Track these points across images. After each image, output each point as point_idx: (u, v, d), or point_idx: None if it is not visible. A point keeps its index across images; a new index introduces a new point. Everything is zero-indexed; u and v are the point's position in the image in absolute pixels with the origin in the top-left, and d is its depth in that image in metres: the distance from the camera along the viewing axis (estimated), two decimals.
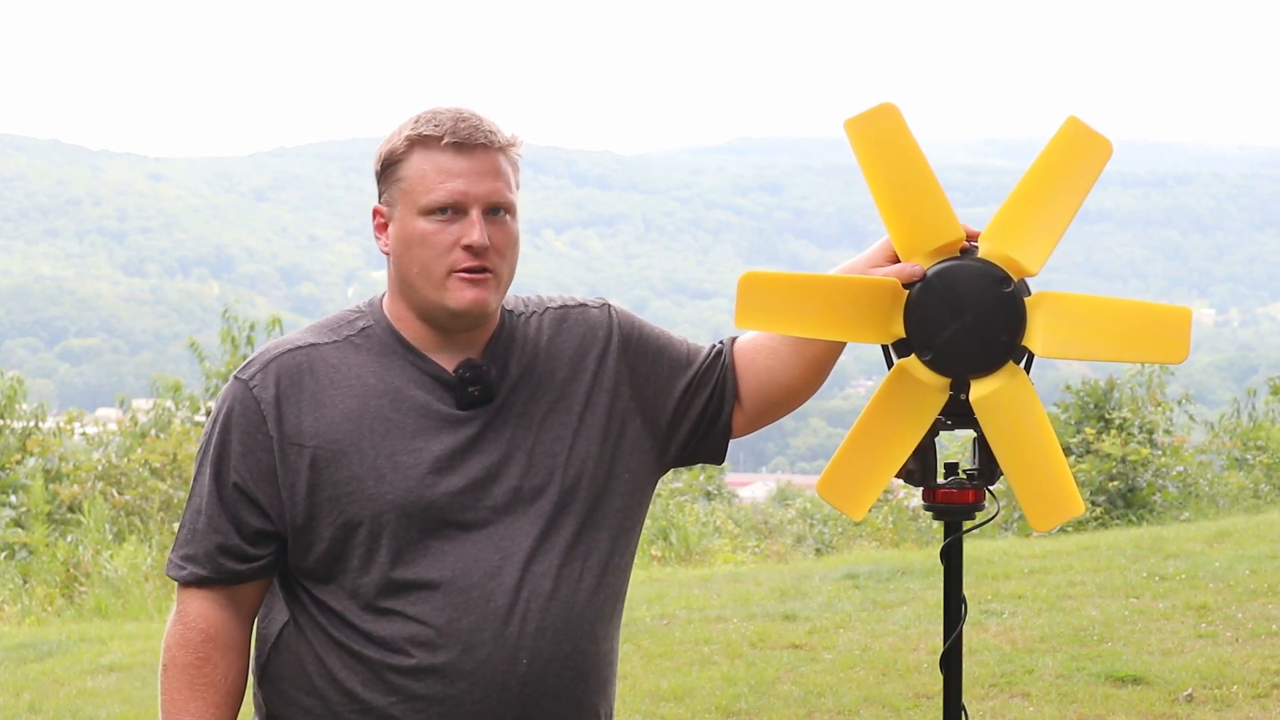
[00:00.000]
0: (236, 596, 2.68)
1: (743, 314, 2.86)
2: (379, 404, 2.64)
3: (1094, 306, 2.85)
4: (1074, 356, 2.87)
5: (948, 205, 2.84)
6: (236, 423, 2.64)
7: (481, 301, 2.62)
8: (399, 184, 2.65)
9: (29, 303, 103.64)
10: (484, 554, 2.62)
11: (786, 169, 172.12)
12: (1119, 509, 13.83)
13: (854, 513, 2.91)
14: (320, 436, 2.62)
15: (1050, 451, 2.84)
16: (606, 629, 2.72)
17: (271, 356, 2.67)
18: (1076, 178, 2.84)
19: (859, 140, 2.84)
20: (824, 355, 2.88)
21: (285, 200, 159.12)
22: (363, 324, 2.71)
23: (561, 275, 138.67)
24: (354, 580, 2.63)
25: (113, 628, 9.47)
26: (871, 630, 7.91)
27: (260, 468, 2.63)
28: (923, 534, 13.59)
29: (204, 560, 2.65)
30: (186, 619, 2.66)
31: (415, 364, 2.67)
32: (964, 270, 2.83)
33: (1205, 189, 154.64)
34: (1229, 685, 6.61)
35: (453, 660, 2.60)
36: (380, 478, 2.61)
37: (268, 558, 2.66)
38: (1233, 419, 16.20)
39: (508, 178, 2.65)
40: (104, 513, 12.46)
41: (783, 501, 22.08)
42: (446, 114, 2.64)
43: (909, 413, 2.86)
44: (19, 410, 15.72)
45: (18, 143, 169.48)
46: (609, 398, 2.75)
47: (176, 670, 2.65)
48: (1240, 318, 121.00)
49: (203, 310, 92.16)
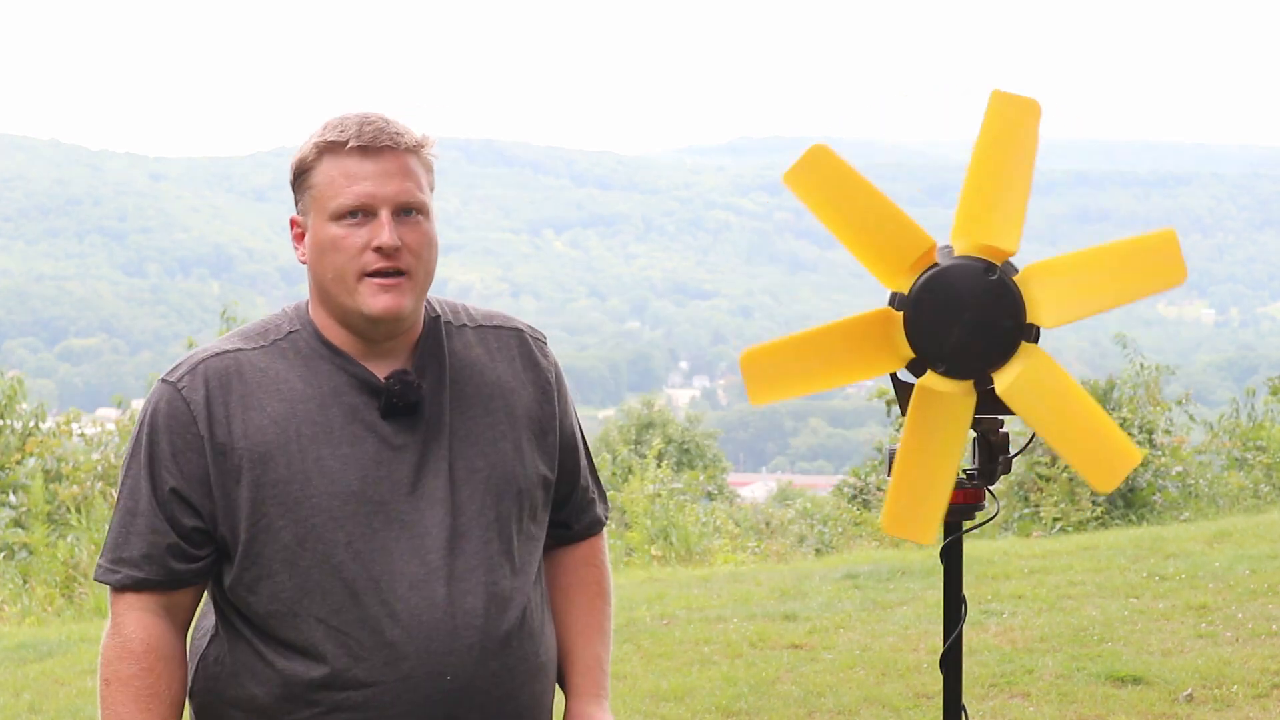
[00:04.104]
0: (172, 605, 2.64)
1: (755, 392, 2.87)
2: (306, 408, 2.61)
3: (1083, 261, 2.85)
4: (1081, 316, 2.85)
5: (908, 220, 2.83)
6: (166, 424, 2.61)
7: (396, 307, 2.60)
8: (310, 191, 2.64)
9: (29, 303, 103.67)
10: (407, 565, 2.60)
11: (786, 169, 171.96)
12: (1119, 509, 13.82)
13: (925, 539, 2.89)
14: (249, 439, 2.59)
15: (1091, 412, 2.82)
16: (528, 636, 2.68)
17: (199, 360, 2.65)
18: (1018, 147, 2.84)
19: (802, 189, 2.85)
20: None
21: (285, 200, 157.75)
22: (289, 329, 2.69)
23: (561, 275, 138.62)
24: (275, 585, 2.59)
25: None
26: (871, 630, 7.91)
27: (192, 468, 2.60)
28: None
29: (140, 562, 2.61)
30: (124, 630, 2.61)
31: (343, 368, 2.64)
32: (948, 273, 2.82)
33: (1205, 189, 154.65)
34: (1229, 685, 6.60)
35: (373, 672, 2.58)
36: (306, 481, 2.58)
37: (206, 559, 2.63)
38: (1232, 419, 16.17)
39: (418, 178, 2.63)
40: (104, 513, 12.46)
41: (783, 501, 22.09)
42: (352, 118, 2.63)
43: (945, 427, 2.84)
44: (19, 410, 15.70)
45: (18, 143, 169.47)
46: (529, 418, 2.73)
47: (119, 684, 2.60)
48: (1240, 318, 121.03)
49: (203, 310, 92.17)
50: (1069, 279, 2.83)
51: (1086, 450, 2.84)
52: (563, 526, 2.84)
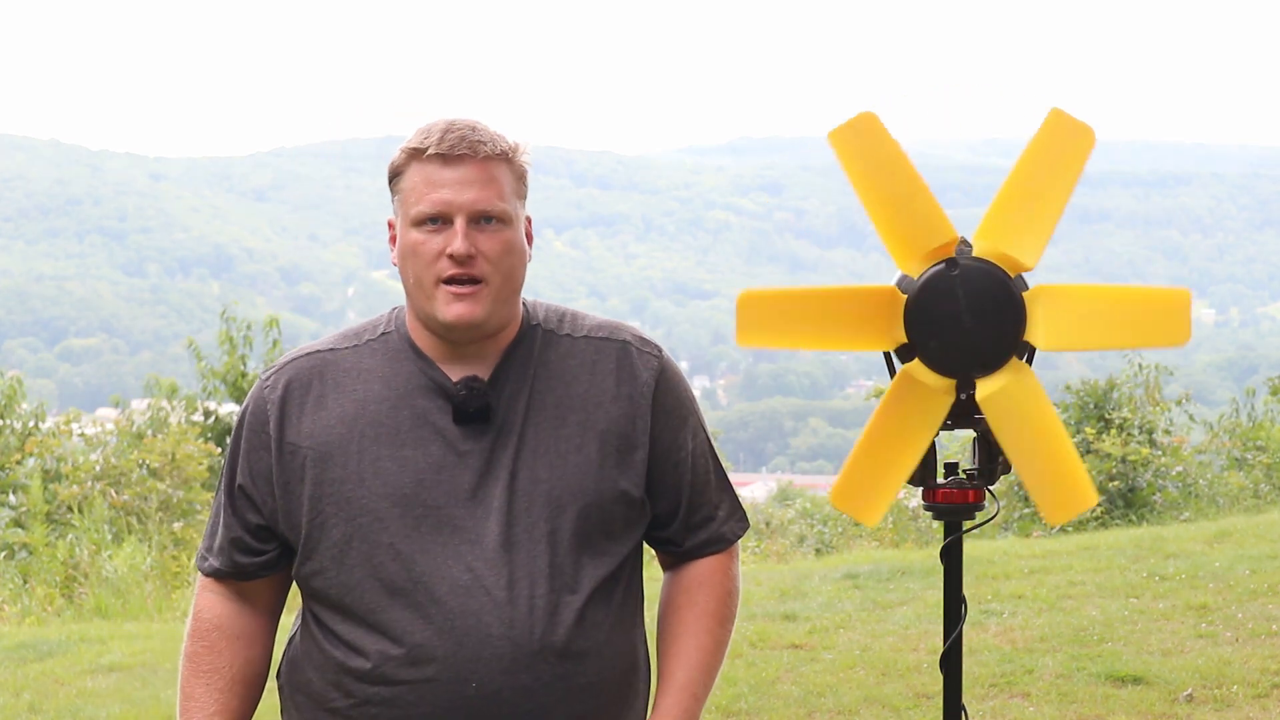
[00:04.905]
0: (245, 591, 2.76)
1: (743, 333, 2.86)
2: (377, 409, 2.65)
3: (1093, 296, 2.85)
4: (1077, 348, 2.87)
5: (939, 208, 2.83)
6: (248, 423, 2.72)
7: (469, 315, 2.61)
8: (398, 196, 2.68)
9: (29, 303, 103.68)
10: (451, 569, 2.60)
11: (786, 169, 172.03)
12: (1119, 509, 13.82)
13: (868, 520, 2.90)
14: (314, 438, 2.66)
15: (1060, 444, 2.83)
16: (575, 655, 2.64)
17: (289, 360, 2.74)
18: (1063, 169, 2.84)
19: (844, 151, 2.85)
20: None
21: (285, 200, 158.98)
22: (383, 330, 2.74)
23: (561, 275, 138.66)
24: (326, 580, 2.65)
25: (112, 628, 9.46)
26: (871, 630, 7.91)
27: (259, 466, 2.69)
28: (923, 534, 13.58)
29: (217, 553, 2.75)
30: (198, 610, 2.76)
31: (423, 371, 2.67)
32: (961, 270, 2.82)
33: (1205, 189, 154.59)
34: (1229, 685, 6.60)
35: (400, 670, 2.60)
36: (360, 481, 2.62)
37: (270, 553, 2.72)
38: (1232, 419, 16.18)
39: (499, 186, 2.64)
40: (103, 513, 12.46)
41: (783, 501, 22.07)
42: (438, 125, 2.65)
43: (917, 417, 2.85)
44: (19, 410, 15.71)
45: (18, 143, 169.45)
46: (611, 432, 2.68)
47: (186, 659, 2.74)
48: (1240, 318, 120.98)
49: (203, 310, 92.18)
50: (1075, 310, 2.83)
51: (1047, 480, 2.84)
52: (672, 544, 2.79)
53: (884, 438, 2.86)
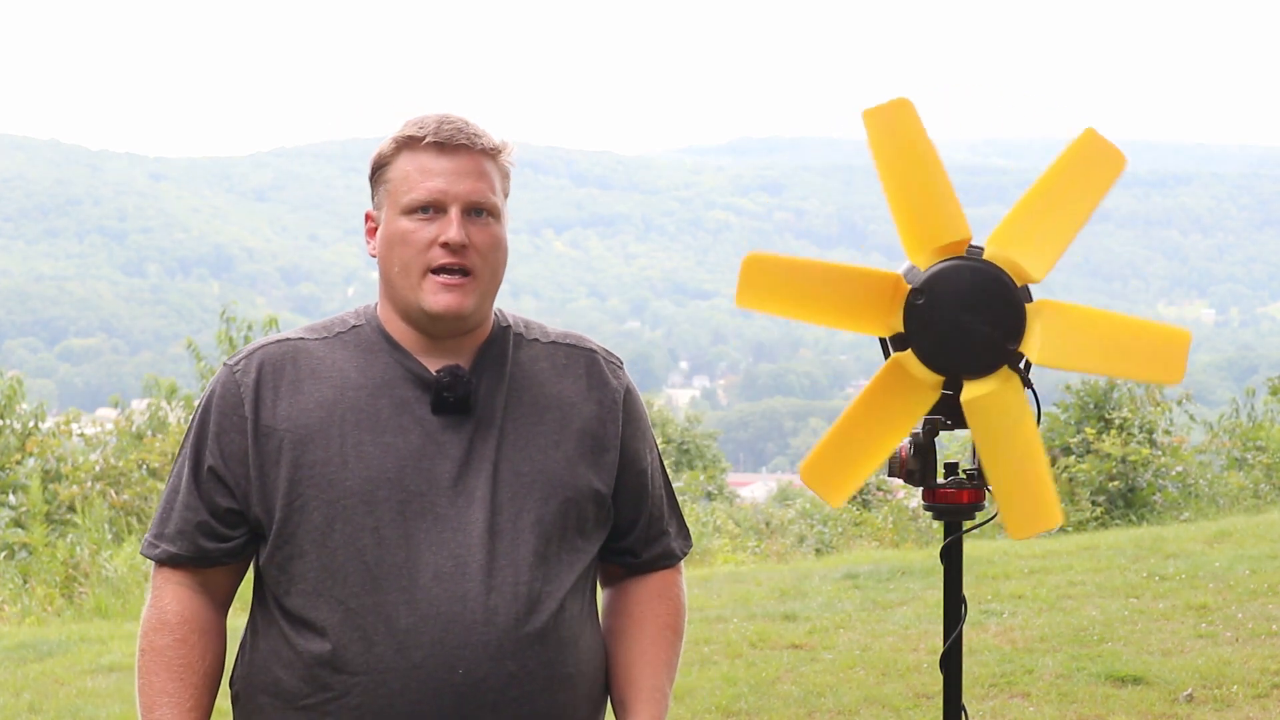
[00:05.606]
0: (209, 582, 2.69)
1: (744, 293, 2.86)
2: (355, 396, 2.64)
3: (1094, 319, 2.85)
4: (1069, 367, 2.87)
5: (957, 205, 2.83)
6: (216, 406, 2.67)
7: (457, 306, 2.62)
8: (385, 185, 2.67)
9: (29, 303, 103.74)
10: (435, 557, 2.60)
11: (786, 169, 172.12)
12: (1119, 509, 13.83)
13: (833, 500, 2.91)
14: (292, 421, 2.63)
15: (1034, 459, 2.83)
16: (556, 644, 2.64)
17: (258, 346, 2.71)
18: (1088, 189, 2.84)
19: (875, 131, 2.84)
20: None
21: (285, 200, 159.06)
22: (354, 324, 2.73)
23: (561, 275, 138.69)
24: (304, 565, 2.62)
25: (113, 628, 9.46)
26: (871, 630, 7.91)
27: (233, 448, 2.65)
28: (923, 534, 13.59)
29: (175, 538, 2.67)
30: (161, 603, 2.68)
31: (400, 362, 2.67)
32: (968, 270, 2.82)
33: (1205, 189, 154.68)
34: (1229, 685, 6.60)
35: (384, 658, 2.58)
36: (344, 464, 2.61)
37: (238, 539, 2.67)
38: (1232, 419, 16.19)
39: (491, 180, 2.66)
40: (103, 513, 12.46)
41: (783, 501, 22.10)
42: (433, 117, 2.66)
43: (900, 406, 2.85)
44: (19, 410, 15.71)
45: (18, 143, 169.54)
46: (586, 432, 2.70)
47: (154, 655, 2.66)
48: (1240, 318, 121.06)
49: (203, 310, 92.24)
50: (1074, 330, 2.83)
51: (1015, 492, 2.84)
52: (629, 554, 2.81)
53: (864, 421, 2.86)
